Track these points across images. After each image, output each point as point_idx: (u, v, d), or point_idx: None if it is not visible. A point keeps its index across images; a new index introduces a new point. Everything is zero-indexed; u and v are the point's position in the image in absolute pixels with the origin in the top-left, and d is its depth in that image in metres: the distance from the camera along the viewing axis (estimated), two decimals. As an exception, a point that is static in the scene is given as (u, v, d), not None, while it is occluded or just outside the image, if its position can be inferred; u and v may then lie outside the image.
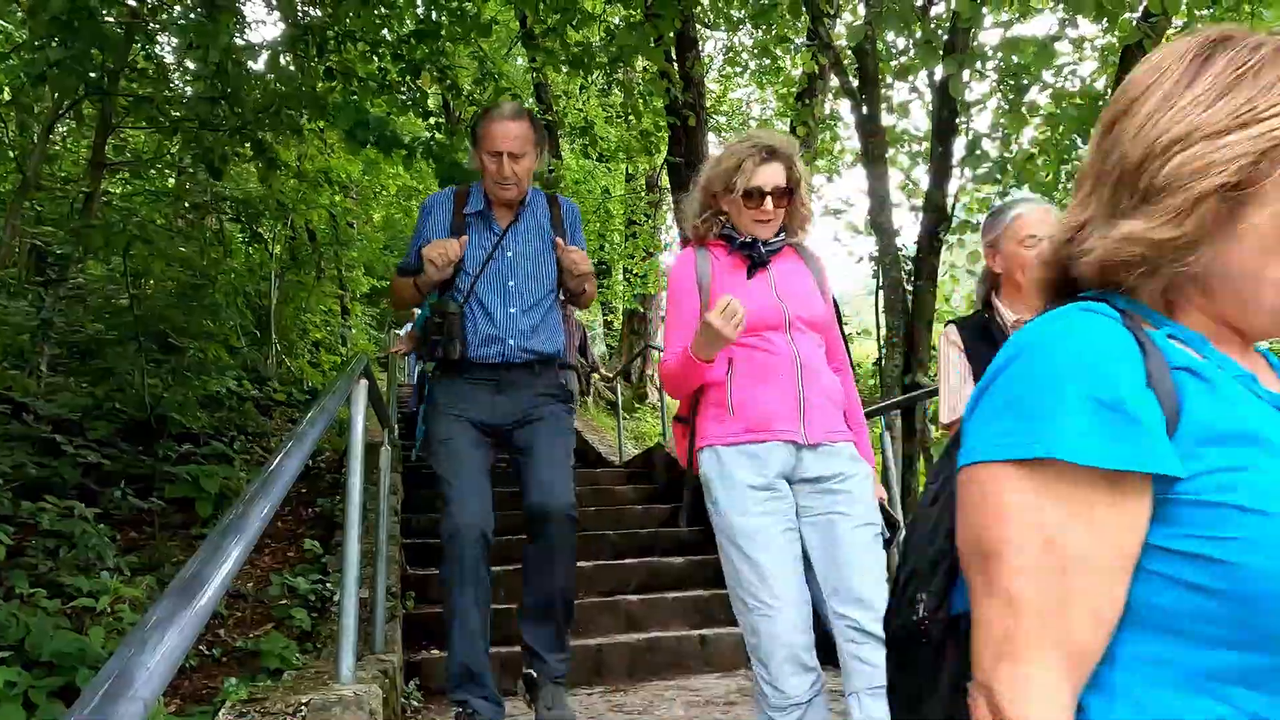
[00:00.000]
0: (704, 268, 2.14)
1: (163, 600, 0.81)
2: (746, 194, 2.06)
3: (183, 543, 4.68)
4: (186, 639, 0.77)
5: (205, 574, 0.87)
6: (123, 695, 0.65)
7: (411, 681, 3.71)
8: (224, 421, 6.56)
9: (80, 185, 7.01)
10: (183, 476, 5.07)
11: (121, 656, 0.70)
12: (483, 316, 2.63)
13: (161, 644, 0.73)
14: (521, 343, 2.63)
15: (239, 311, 7.52)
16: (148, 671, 0.68)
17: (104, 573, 3.77)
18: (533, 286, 2.69)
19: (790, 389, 2.03)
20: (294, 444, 1.46)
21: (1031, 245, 2.13)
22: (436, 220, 2.73)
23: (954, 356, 2.24)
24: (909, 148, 6.43)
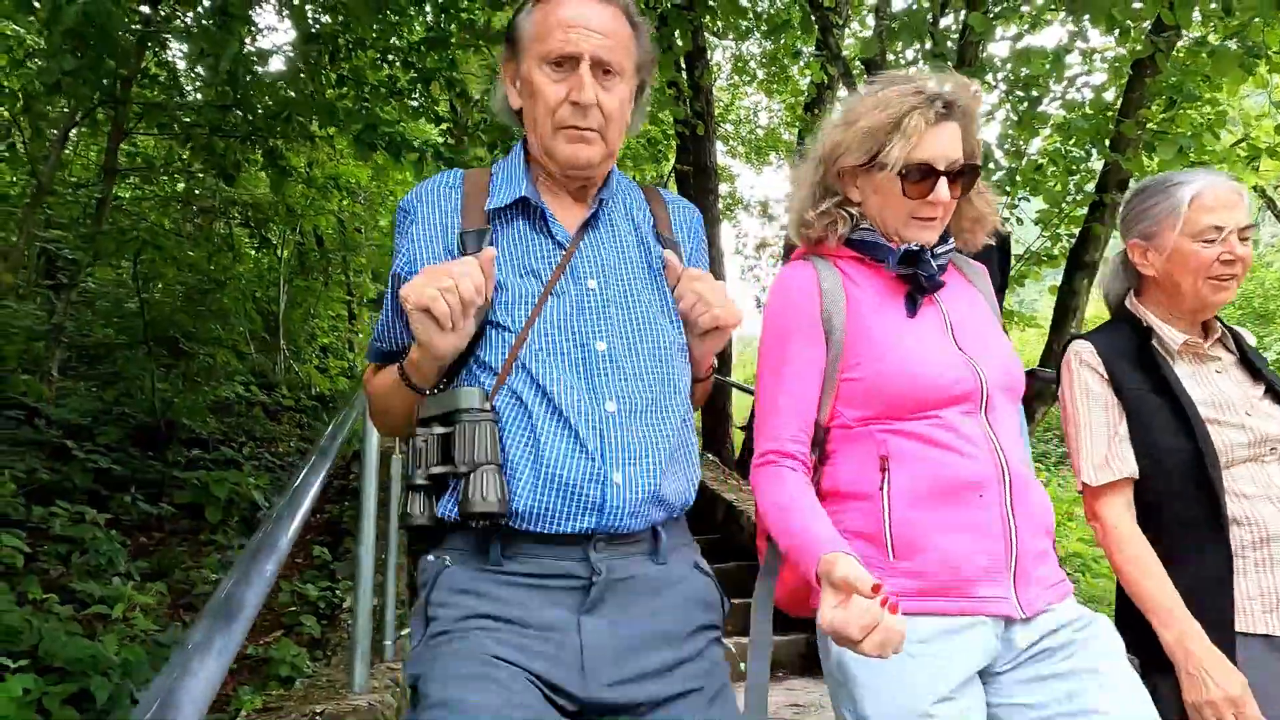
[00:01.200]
0: (833, 294, 1.34)
1: (200, 623, 0.82)
2: (908, 172, 1.29)
3: (192, 549, 4.70)
4: (225, 662, 0.78)
5: (240, 595, 0.88)
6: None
7: (420, 690, 3.72)
8: (233, 427, 6.59)
9: (91, 190, 7.06)
10: (192, 482, 5.08)
11: (164, 682, 0.71)
12: (547, 424, 1.18)
13: (202, 669, 0.74)
14: (639, 485, 1.18)
15: (248, 317, 7.56)
16: (191, 696, 0.69)
17: (115, 578, 3.78)
18: (645, 354, 1.25)
19: (995, 519, 1.25)
20: (317, 458, 1.47)
21: (1213, 241, 1.53)
22: (427, 228, 1.28)
23: (1094, 386, 1.59)
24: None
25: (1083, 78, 4.98)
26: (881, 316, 1.33)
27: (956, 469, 1.24)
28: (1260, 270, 20.37)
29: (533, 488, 1.13)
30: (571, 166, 1.25)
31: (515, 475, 1.14)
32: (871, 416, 1.29)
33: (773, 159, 13.77)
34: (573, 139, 1.23)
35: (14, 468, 4.15)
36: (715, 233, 8.50)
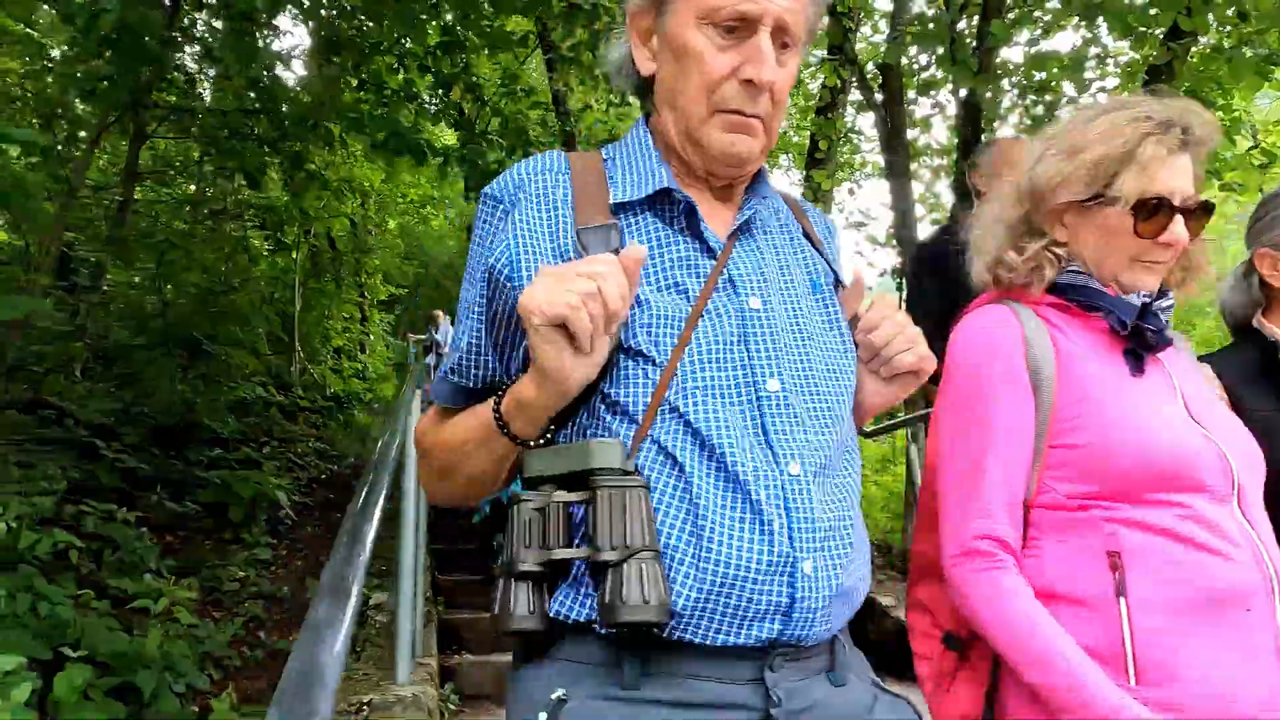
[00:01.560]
0: (1040, 344, 1.13)
1: (320, 601, 0.88)
2: (1141, 207, 1.11)
3: (216, 547, 4.77)
4: (347, 632, 0.84)
5: (348, 579, 0.94)
6: (317, 685, 0.72)
7: (447, 685, 3.77)
8: (252, 427, 6.66)
9: (112, 193, 7.14)
10: (214, 482, 5.15)
11: (302, 654, 0.77)
12: (712, 493, 0.87)
13: (331, 637, 0.80)
14: (829, 578, 0.89)
15: (265, 318, 7.64)
16: (330, 658, 0.76)
17: (146, 575, 3.85)
18: (822, 397, 0.97)
19: (1267, 639, 1.01)
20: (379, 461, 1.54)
21: None
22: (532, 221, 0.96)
23: None
24: (930, 161, 6.50)
25: (1097, 83, 5.03)
26: (1100, 374, 1.11)
27: (1215, 574, 1.00)
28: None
29: (696, 582, 0.83)
30: (727, 162, 0.97)
31: (675, 579, 0.83)
32: (1092, 495, 1.05)
33: (783, 162, 13.82)
34: (734, 126, 0.94)
35: (47, 468, 4.22)
36: (727, 235, 8.53)
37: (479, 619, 4.49)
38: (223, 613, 3.99)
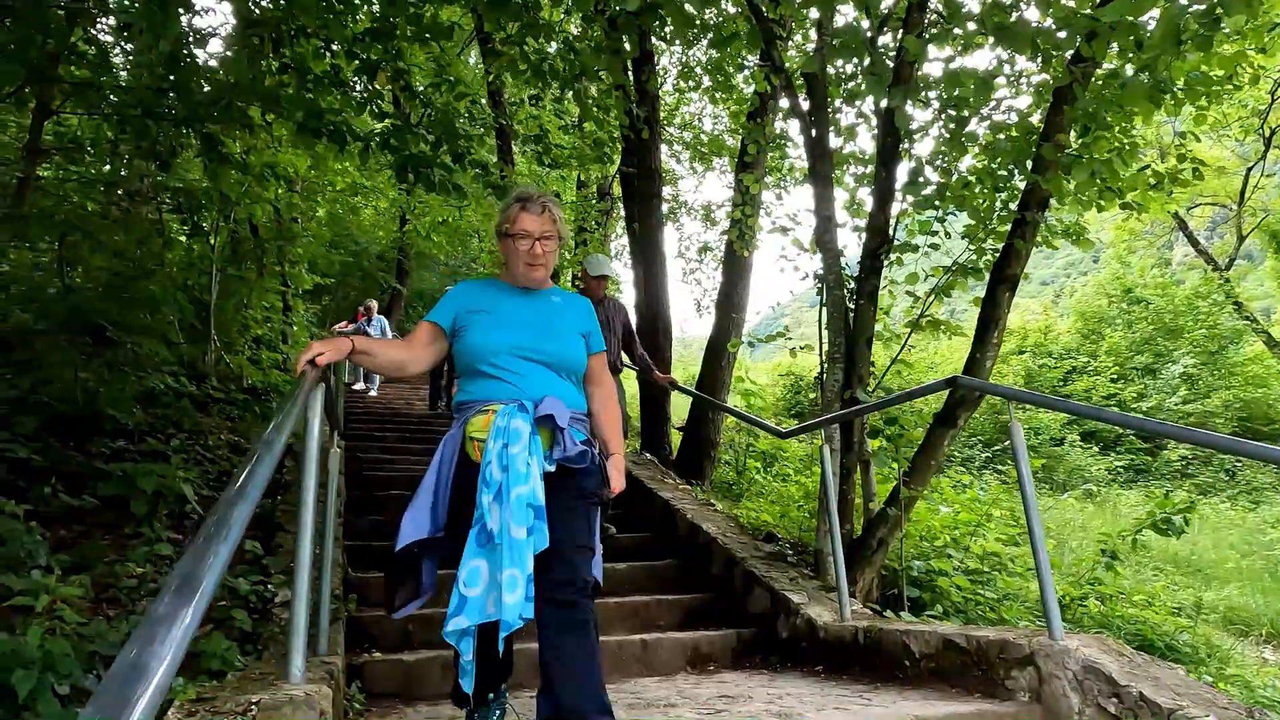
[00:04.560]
0: None
1: (164, 597, 0.86)
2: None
3: (116, 542, 4.57)
4: (188, 632, 0.82)
5: (198, 571, 0.92)
6: (138, 685, 0.71)
7: (354, 684, 3.71)
8: (160, 418, 6.40)
9: (12, 170, 6.77)
10: (116, 474, 4.94)
11: (132, 650, 0.76)
12: None
13: (169, 637, 0.78)
14: None
15: (178, 306, 7.34)
16: (159, 661, 0.74)
17: (34, 571, 3.67)
18: None
19: None
20: (263, 450, 1.50)
21: None
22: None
23: None
24: (854, 170, 6.66)
25: (1009, 101, 5.25)
26: None
27: None
28: (1171, 288, 21.52)
29: None
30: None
31: None
32: None
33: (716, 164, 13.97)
34: None
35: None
36: (658, 236, 8.61)
37: (390, 617, 4.42)
38: (118, 610, 3.83)
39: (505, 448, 2.32)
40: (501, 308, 2.57)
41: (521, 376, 2.48)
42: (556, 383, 2.52)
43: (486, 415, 2.43)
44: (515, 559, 2.23)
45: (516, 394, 2.45)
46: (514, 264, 2.57)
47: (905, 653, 3.74)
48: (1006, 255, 5.13)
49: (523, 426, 2.35)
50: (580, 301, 2.74)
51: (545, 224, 2.52)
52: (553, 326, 2.57)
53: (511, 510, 2.25)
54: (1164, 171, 5.11)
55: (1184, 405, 17.49)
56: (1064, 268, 61.54)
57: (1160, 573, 9.79)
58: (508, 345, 2.49)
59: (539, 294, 2.65)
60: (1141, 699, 2.69)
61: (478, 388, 2.50)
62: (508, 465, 2.30)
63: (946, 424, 5.17)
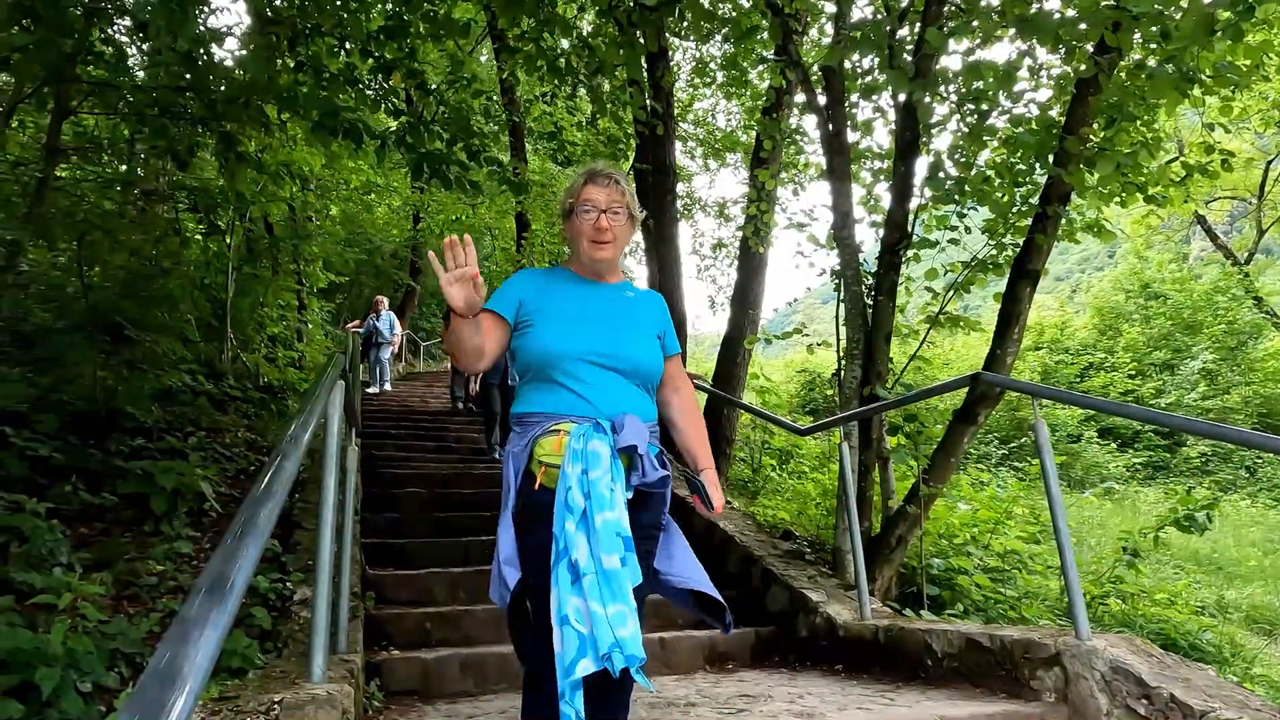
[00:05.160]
0: None
1: (195, 598, 0.85)
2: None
3: (136, 539, 4.60)
4: (221, 634, 0.80)
5: (229, 573, 0.90)
6: (174, 687, 0.69)
7: (373, 682, 3.71)
8: (178, 416, 6.44)
9: (30, 169, 6.82)
10: (135, 472, 4.96)
11: (165, 653, 0.74)
12: None
13: (201, 638, 0.77)
14: None
15: (194, 304, 7.38)
16: (192, 664, 0.72)
17: (56, 569, 3.69)
18: None
19: None
20: (290, 448, 1.49)
21: None
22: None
23: None
24: (871, 165, 6.61)
25: (1029, 94, 5.18)
26: None
27: None
28: (1190, 282, 21.29)
29: None
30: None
31: None
32: None
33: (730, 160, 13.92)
34: None
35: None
36: (673, 232, 8.58)
37: (408, 614, 4.43)
38: (139, 608, 3.85)
39: (585, 473, 2.02)
40: (571, 302, 2.23)
41: (595, 388, 2.15)
42: (633, 395, 2.20)
43: (558, 437, 2.10)
44: (616, 592, 1.91)
45: (590, 410, 2.13)
46: (579, 243, 2.23)
47: (927, 652, 3.70)
48: (1027, 250, 5.07)
49: (603, 450, 2.05)
50: (654, 297, 2.41)
51: (614, 196, 2.20)
52: (630, 326, 2.25)
53: (600, 538, 1.95)
54: (1191, 164, 5.03)
55: (1203, 401, 17.29)
56: (1079, 263, 61.04)
57: (1181, 570, 9.69)
58: (580, 349, 2.16)
59: (611, 286, 2.31)
60: (1172, 701, 2.65)
61: (544, 399, 2.17)
62: (589, 491, 2.00)
63: (966, 421, 5.12)
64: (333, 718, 2.11)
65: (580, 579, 1.93)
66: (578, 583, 1.93)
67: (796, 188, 11.32)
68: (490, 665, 3.96)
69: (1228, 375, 18.03)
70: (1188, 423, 3.30)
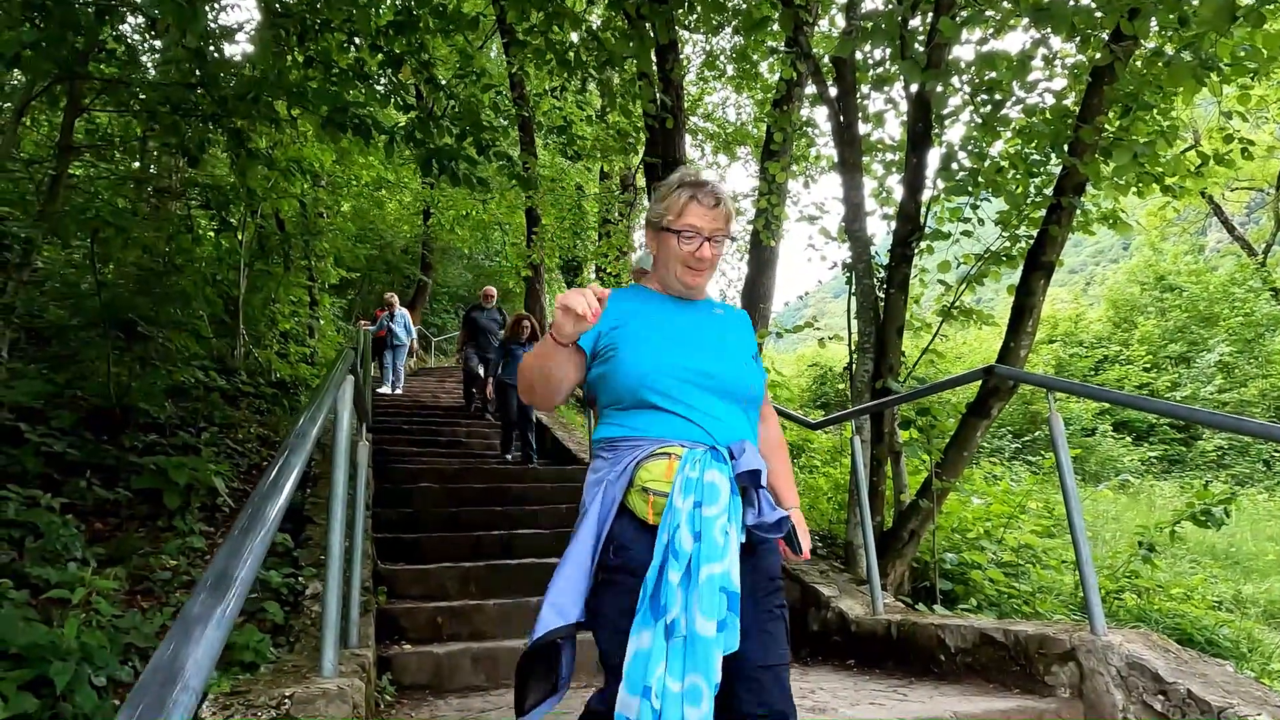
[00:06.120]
0: None
1: (198, 595, 0.84)
2: None
3: (150, 534, 4.62)
4: (224, 631, 0.80)
5: (233, 569, 0.89)
6: (175, 684, 0.68)
7: (384, 676, 3.72)
8: (191, 412, 6.47)
9: (45, 167, 6.86)
10: (149, 467, 4.99)
11: (168, 649, 0.73)
12: None
13: (204, 636, 0.76)
14: None
15: (207, 300, 7.41)
16: (195, 661, 0.71)
17: (71, 564, 3.72)
18: None
19: None
20: (297, 443, 1.48)
21: None
22: None
23: None
24: (883, 157, 6.56)
25: (1044, 83, 5.11)
26: None
27: None
28: (1206, 274, 21.06)
29: None
30: None
31: None
32: None
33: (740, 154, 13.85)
34: None
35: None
36: (683, 226, 8.53)
37: (419, 609, 4.44)
38: (152, 602, 3.87)
39: (698, 508, 1.71)
40: (658, 321, 1.96)
41: (701, 412, 1.86)
42: (741, 420, 1.92)
43: (669, 461, 1.79)
44: (699, 662, 1.61)
45: (702, 435, 1.83)
46: (670, 265, 1.98)
47: (940, 647, 3.67)
48: (1041, 241, 5.01)
49: (721, 482, 1.74)
50: (741, 315, 2.15)
51: (719, 220, 1.95)
52: (725, 345, 1.98)
53: (700, 595, 1.63)
54: (1209, 153, 4.96)
55: (1220, 394, 17.12)
56: (1093, 255, 60.55)
57: (1197, 565, 9.60)
58: (679, 368, 1.87)
59: (697, 304, 2.05)
60: (1190, 696, 2.61)
61: (642, 421, 1.86)
62: (700, 532, 1.69)
63: (979, 414, 5.08)
64: (343, 712, 2.11)
65: (669, 639, 1.62)
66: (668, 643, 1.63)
67: (807, 180, 11.26)
68: (501, 659, 3.96)
69: (1245, 368, 17.84)
70: (1209, 416, 3.25)
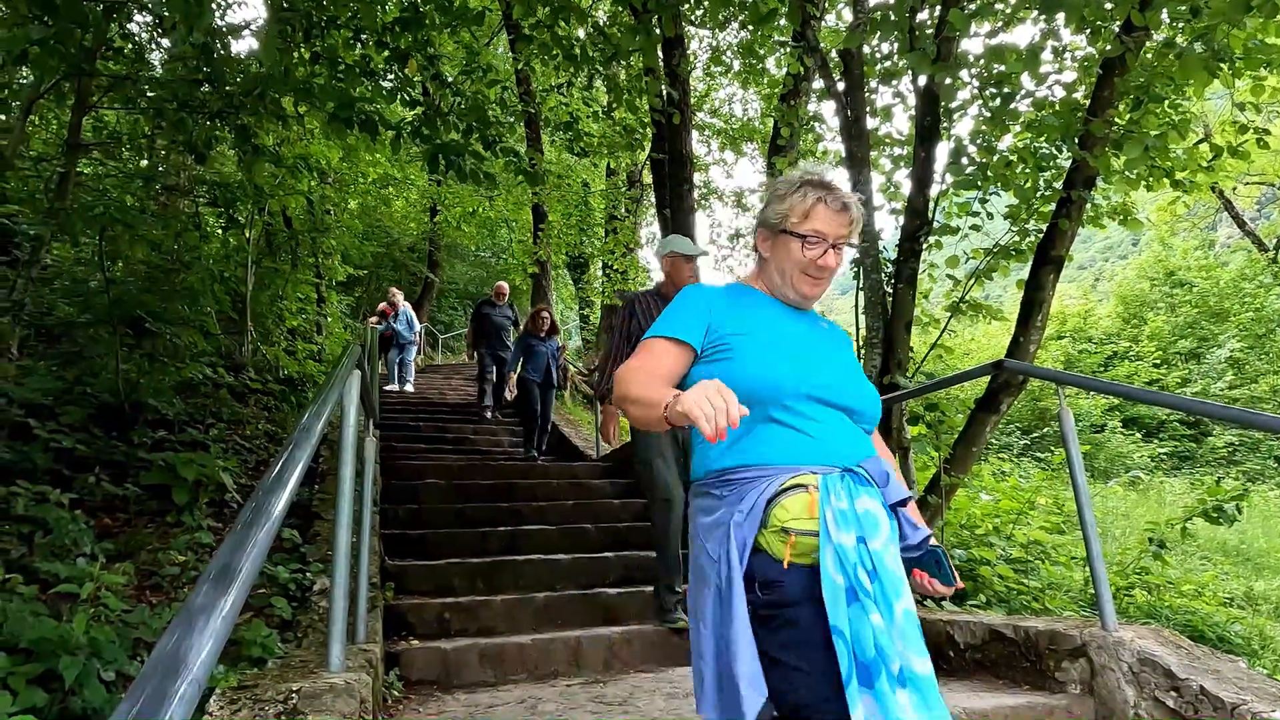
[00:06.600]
0: None
1: (202, 586, 0.83)
2: None
3: (158, 530, 4.64)
4: (229, 623, 0.79)
5: (237, 562, 0.89)
6: (177, 676, 0.67)
7: (392, 671, 3.72)
8: (199, 408, 6.49)
9: (53, 165, 6.88)
10: (158, 463, 5.01)
11: (170, 640, 0.73)
12: None
13: (208, 627, 0.75)
14: None
15: (215, 297, 7.43)
16: (198, 653, 0.71)
17: (80, 559, 3.73)
18: None
19: None
20: (302, 437, 1.48)
21: None
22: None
23: None
24: (891, 151, 6.52)
25: (1053, 76, 5.08)
26: None
27: None
28: (1216, 270, 20.92)
29: None
30: None
31: None
32: None
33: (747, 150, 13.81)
34: None
35: (-26, 446, 4.06)
36: (690, 222, 8.53)
37: (427, 605, 4.44)
38: (161, 597, 3.88)
39: (862, 542, 1.50)
40: (774, 327, 1.76)
41: (832, 431, 1.65)
42: (864, 441, 1.73)
43: (808, 495, 1.55)
44: (933, 702, 1.43)
45: (834, 457, 1.62)
46: (786, 272, 1.78)
47: (949, 643, 3.65)
48: (1051, 236, 4.98)
49: (877, 509, 1.55)
50: (844, 334, 1.97)
51: (843, 224, 1.77)
52: (842, 360, 1.80)
53: (904, 634, 1.46)
54: (1223, 144, 4.91)
55: (1230, 390, 17.02)
56: (1102, 251, 60.23)
57: (1208, 562, 9.54)
58: (806, 381, 1.66)
59: (808, 314, 1.87)
60: (1203, 693, 2.59)
61: (766, 446, 1.62)
62: (875, 568, 1.49)
63: (989, 410, 5.05)
64: (350, 707, 2.11)
65: (895, 691, 1.41)
66: (874, 690, 1.42)
67: (815, 176, 11.19)
68: (509, 655, 3.96)
69: (1255, 364, 17.72)
70: (1221, 409, 3.22)
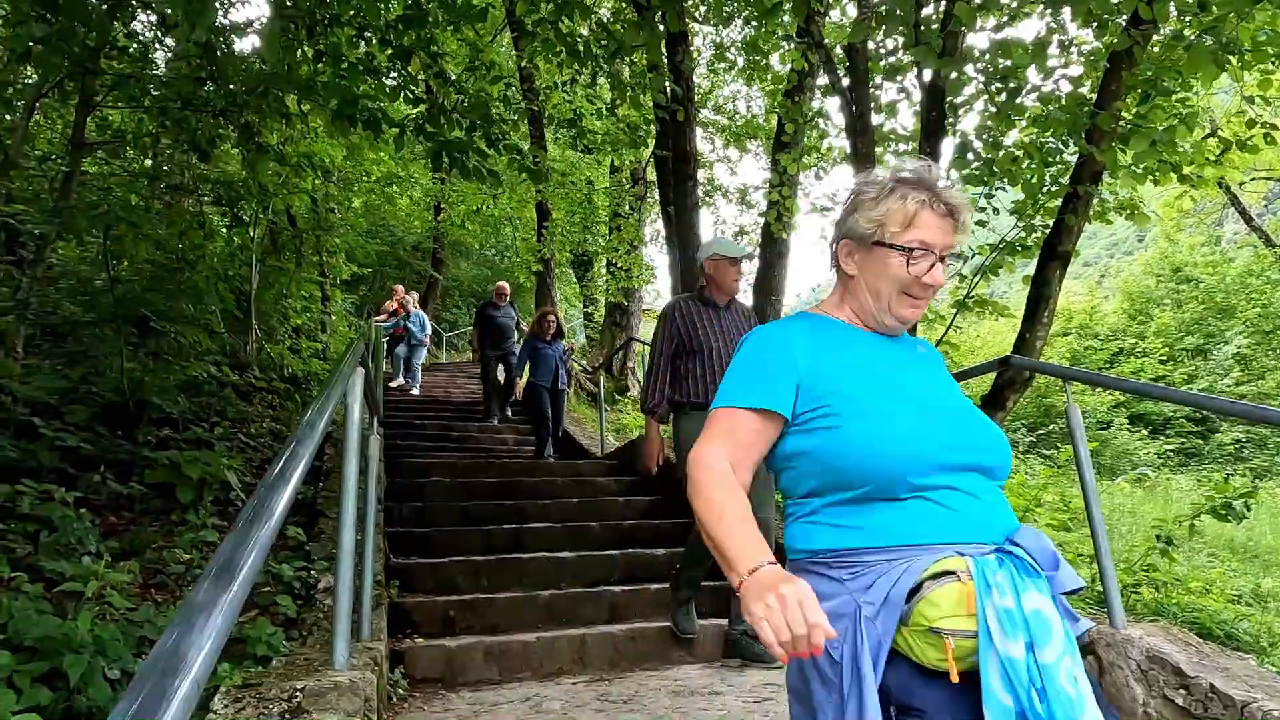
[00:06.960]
0: None
1: (203, 583, 0.82)
2: None
3: (163, 528, 4.64)
4: (230, 619, 0.78)
5: (239, 559, 0.88)
6: (176, 673, 0.66)
7: (397, 669, 3.72)
8: (204, 407, 6.50)
9: (57, 164, 6.89)
10: (163, 462, 5.01)
11: (171, 637, 0.71)
12: None
13: (208, 624, 0.74)
14: None
15: (219, 296, 7.43)
16: (198, 649, 0.70)
17: (85, 558, 3.73)
18: None
19: None
20: (305, 434, 1.47)
21: None
22: None
23: None
24: (896, 147, 6.49)
25: (1060, 70, 5.05)
26: None
27: None
28: (1223, 266, 20.82)
29: None
30: None
31: None
32: None
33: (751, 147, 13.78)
34: None
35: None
36: (695, 219, 8.51)
37: (431, 602, 4.44)
38: (165, 596, 3.88)
39: (1032, 650, 1.17)
40: (877, 370, 1.42)
41: (969, 498, 1.32)
42: (1003, 499, 1.39)
43: (960, 585, 1.22)
44: None
45: (982, 531, 1.30)
46: (883, 293, 1.45)
47: (956, 641, 3.63)
48: (1057, 231, 4.96)
49: (1047, 607, 1.21)
50: (938, 354, 1.63)
51: (951, 232, 1.44)
52: (959, 401, 1.45)
53: None
54: (1231, 138, 4.88)
55: (1237, 386, 16.94)
56: (1108, 247, 60.05)
57: (1215, 559, 9.49)
58: (943, 448, 1.32)
59: (902, 341, 1.53)
60: (1212, 691, 2.57)
61: (891, 519, 1.30)
62: (1045, 687, 1.15)
63: (994, 407, 5.03)
64: (355, 704, 2.10)
65: None
66: None
67: (819, 172, 11.19)
68: (514, 653, 3.96)
69: (1262, 360, 17.64)
70: (1229, 404, 3.20)
